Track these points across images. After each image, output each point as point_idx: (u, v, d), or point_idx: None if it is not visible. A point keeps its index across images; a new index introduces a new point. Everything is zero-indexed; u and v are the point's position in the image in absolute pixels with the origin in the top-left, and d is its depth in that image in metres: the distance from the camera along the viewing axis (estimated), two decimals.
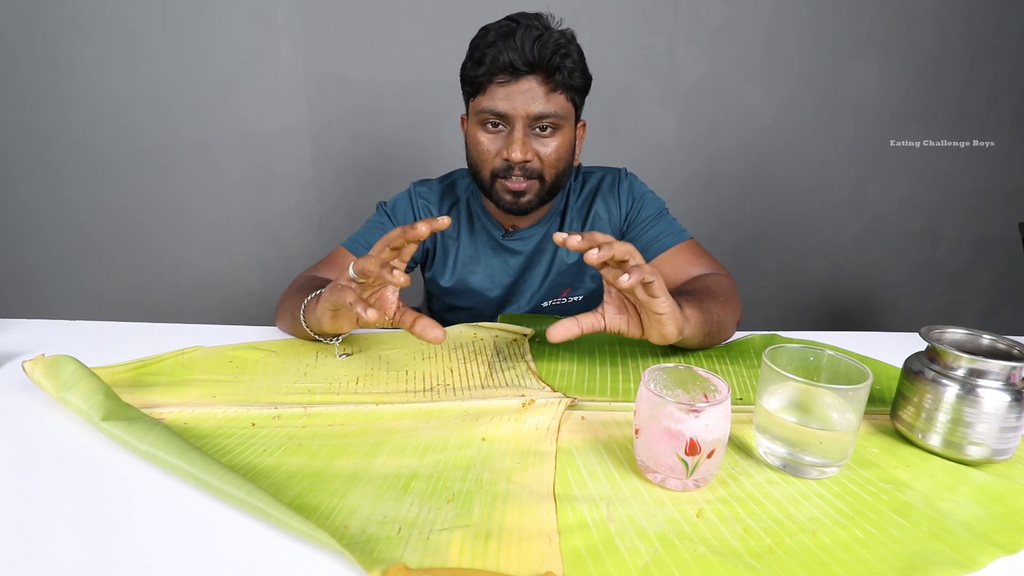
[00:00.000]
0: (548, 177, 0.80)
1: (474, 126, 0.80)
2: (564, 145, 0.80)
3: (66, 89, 1.55)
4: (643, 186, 0.92)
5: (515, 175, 0.78)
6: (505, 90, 0.75)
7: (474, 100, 0.79)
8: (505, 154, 0.77)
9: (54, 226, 1.68)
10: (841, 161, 1.76)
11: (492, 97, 0.76)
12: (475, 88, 0.77)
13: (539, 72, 0.74)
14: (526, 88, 0.75)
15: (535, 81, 0.75)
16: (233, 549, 0.39)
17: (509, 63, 0.73)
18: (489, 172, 0.80)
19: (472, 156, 0.81)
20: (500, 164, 0.79)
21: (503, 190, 0.80)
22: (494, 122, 0.77)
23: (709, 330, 0.68)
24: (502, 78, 0.75)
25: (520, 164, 0.77)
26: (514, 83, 0.75)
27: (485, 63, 0.74)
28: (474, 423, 0.55)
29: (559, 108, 0.76)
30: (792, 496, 0.45)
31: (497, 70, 0.74)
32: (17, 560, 0.38)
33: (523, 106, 0.75)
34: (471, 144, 0.81)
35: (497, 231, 0.90)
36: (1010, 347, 0.51)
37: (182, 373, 0.64)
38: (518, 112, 0.75)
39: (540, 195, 0.81)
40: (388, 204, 0.92)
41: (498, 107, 0.75)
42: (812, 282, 1.90)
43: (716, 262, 0.84)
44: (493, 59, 0.73)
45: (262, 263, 1.75)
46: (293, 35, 1.54)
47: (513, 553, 0.38)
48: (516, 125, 0.76)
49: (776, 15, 1.61)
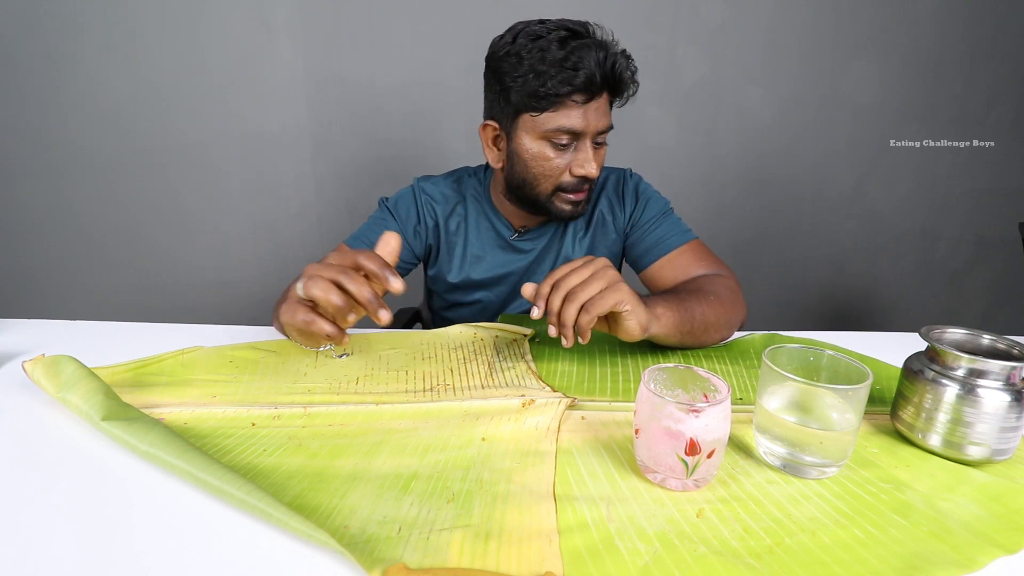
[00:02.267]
0: (596, 183, 0.83)
1: (535, 141, 0.77)
2: (605, 153, 0.82)
3: (66, 89, 1.55)
4: (648, 186, 0.93)
5: (585, 187, 0.80)
6: (580, 108, 0.74)
7: (538, 116, 0.75)
8: (580, 171, 0.77)
9: (54, 226, 1.68)
10: (841, 161, 1.76)
11: (567, 116, 0.74)
12: (543, 103, 0.74)
13: (607, 90, 0.75)
14: (597, 106, 0.75)
15: (604, 99, 0.76)
16: (233, 549, 0.39)
17: (595, 82, 0.72)
18: (553, 187, 0.79)
19: (533, 171, 0.79)
20: (568, 180, 0.78)
21: (563, 202, 0.81)
22: (565, 140, 0.76)
23: (689, 329, 0.68)
24: (579, 98, 0.73)
25: (595, 178, 0.78)
26: (591, 100, 0.74)
27: (563, 79, 0.71)
28: (474, 423, 0.55)
29: (611, 120, 0.78)
30: (792, 496, 0.45)
31: (576, 89, 0.72)
32: (17, 560, 0.38)
33: (595, 123, 0.75)
34: (532, 160, 0.78)
35: (508, 231, 0.90)
36: (1010, 347, 0.51)
37: (182, 373, 0.64)
38: (590, 129, 0.75)
39: (589, 199, 0.83)
40: (390, 200, 0.92)
41: (575, 126, 0.74)
42: (812, 282, 1.89)
43: (721, 262, 0.84)
44: (573, 76, 0.71)
45: (262, 263, 1.75)
46: (293, 35, 1.54)
47: (513, 553, 0.38)
48: (586, 142, 0.76)
49: (776, 15, 1.61)
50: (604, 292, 0.58)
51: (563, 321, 0.58)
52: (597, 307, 0.58)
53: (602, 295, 0.58)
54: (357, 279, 0.54)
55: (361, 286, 0.54)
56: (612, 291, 0.58)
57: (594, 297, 0.58)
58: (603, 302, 0.58)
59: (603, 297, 0.58)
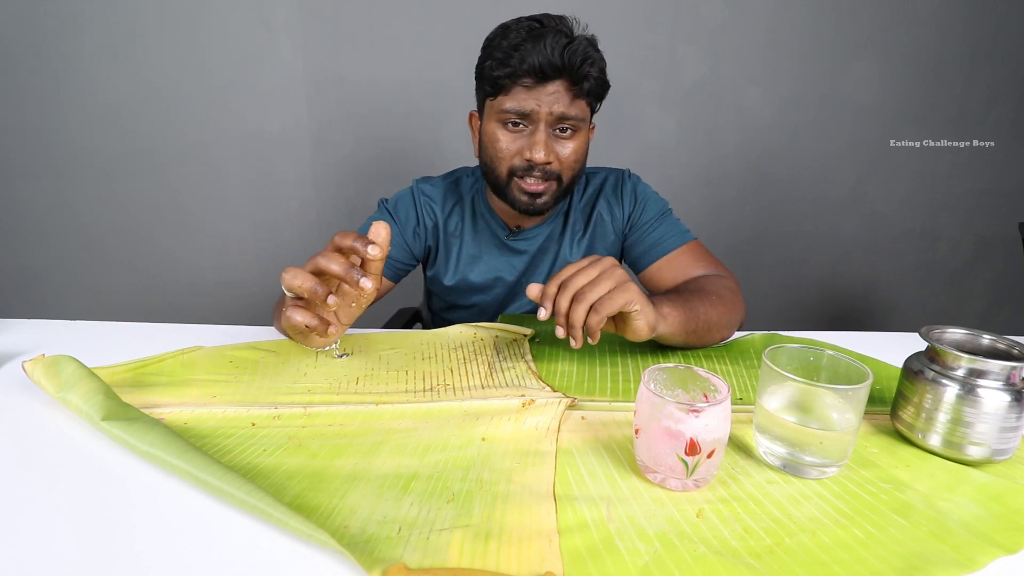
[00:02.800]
0: (565, 179, 0.80)
1: (492, 123, 0.79)
2: (581, 147, 0.80)
3: (66, 89, 1.55)
4: (646, 187, 0.92)
5: (534, 175, 0.78)
6: (530, 91, 0.74)
7: (494, 99, 0.77)
8: (528, 154, 0.77)
9: (54, 226, 1.68)
10: (841, 161, 1.76)
11: (516, 98, 0.75)
12: (497, 88, 0.76)
13: (565, 77, 0.74)
14: (552, 91, 0.74)
15: (561, 85, 0.74)
16: (233, 549, 0.39)
17: (538, 67, 0.72)
18: (507, 170, 0.79)
19: (488, 153, 0.80)
20: (520, 163, 0.78)
21: (519, 191, 0.80)
22: (515, 121, 0.77)
23: (694, 329, 0.68)
24: (528, 81, 0.74)
25: (541, 165, 0.77)
26: (541, 85, 0.74)
27: (511, 64, 0.73)
28: (474, 423, 0.55)
29: (580, 111, 0.77)
30: (792, 496, 0.45)
31: (524, 73, 0.73)
32: (17, 560, 0.38)
33: (548, 106, 0.74)
34: (488, 141, 0.80)
35: (502, 231, 0.90)
36: (1010, 347, 0.51)
37: (182, 373, 0.64)
38: (542, 112, 0.75)
39: (556, 196, 0.81)
40: (390, 201, 0.92)
41: (523, 107, 0.75)
42: (812, 282, 1.89)
43: (719, 263, 0.84)
44: (520, 61, 0.72)
45: (262, 263, 1.75)
46: (293, 35, 1.54)
47: (513, 553, 0.38)
48: (539, 125, 0.76)
49: (776, 15, 1.61)
50: (613, 292, 0.58)
51: (572, 322, 0.58)
52: (606, 307, 0.57)
53: (611, 295, 0.58)
54: (329, 256, 0.55)
55: (331, 260, 0.55)
56: (621, 291, 0.58)
57: (603, 297, 0.57)
58: (612, 302, 0.57)
59: (612, 297, 0.57)
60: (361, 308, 0.64)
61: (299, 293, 0.56)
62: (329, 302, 0.55)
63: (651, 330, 0.62)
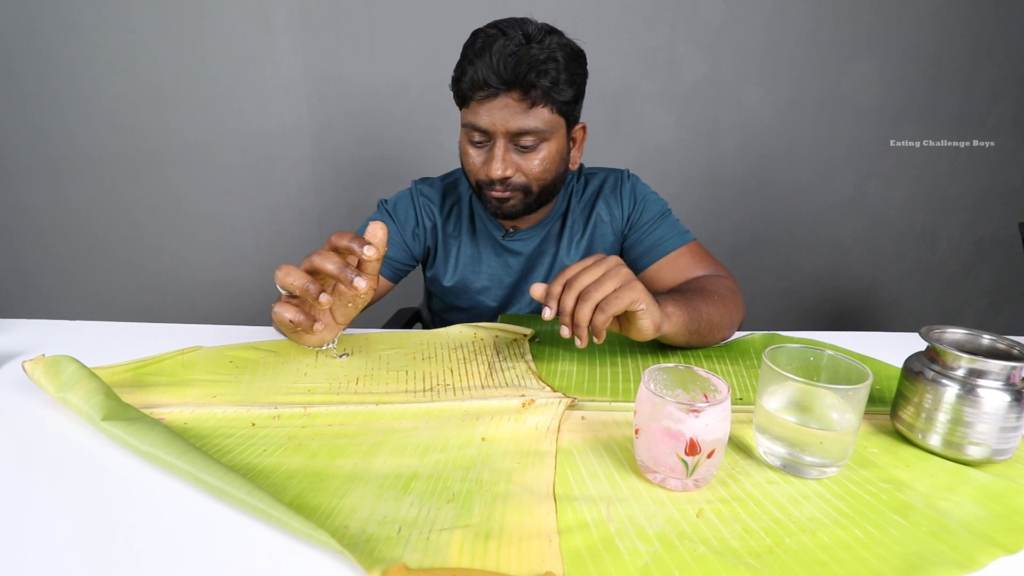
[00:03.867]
0: (535, 188, 0.79)
1: (462, 137, 0.79)
2: (551, 157, 0.77)
3: (66, 89, 1.55)
4: (645, 187, 0.92)
5: (496, 188, 0.78)
6: (485, 106, 0.73)
7: (462, 112, 0.78)
8: (486, 170, 0.76)
9: (54, 226, 1.68)
10: (841, 161, 1.76)
11: (475, 112, 0.74)
12: (461, 101, 0.77)
13: (515, 89, 0.72)
14: (503, 104, 0.73)
15: (511, 98, 0.72)
16: (233, 549, 0.39)
17: (483, 81, 0.71)
18: (475, 183, 0.81)
19: (462, 165, 0.82)
20: (483, 177, 0.78)
21: (489, 198, 0.80)
22: (477, 139, 0.76)
23: (697, 328, 0.68)
24: (480, 94, 0.73)
25: (500, 180, 0.77)
26: (492, 99, 0.73)
27: (464, 79, 0.73)
28: (474, 423, 0.55)
29: (541, 123, 0.74)
30: (792, 496, 0.45)
31: (475, 86, 0.72)
32: (17, 560, 0.38)
33: (502, 122, 0.73)
34: (461, 154, 0.81)
35: (497, 231, 0.90)
36: (1010, 347, 0.51)
37: (182, 373, 0.64)
38: (497, 128, 0.74)
39: (527, 203, 0.81)
40: (389, 202, 0.92)
41: (479, 123, 0.74)
42: (812, 282, 1.89)
43: (719, 264, 0.84)
44: (472, 76, 0.72)
45: (262, 263, 1.75)
46: (293, 35, 1.54)
47: (513, 553, 0.38)
48: (497, 141, 0.75)
49: (776, 15, 1.61)
50: (619, 291, 0.57)
51: (577, 321, 0.57)
52: (612, 306, 0.57)
53: (617, 294, 0.57)
54: (324, 254, 0.55)
55: (326, 259, 0.55)
56: (627, 290, 0.58)
57: (608, 296, 0.57)
58: (618, 301, 0.57)
59: (618, 296, 0.57)
60: (358, 308, 0.64)
61: (291, 291, 0.56)
62: (321, 300, 0.55)
63: (656, 329, 0.61)
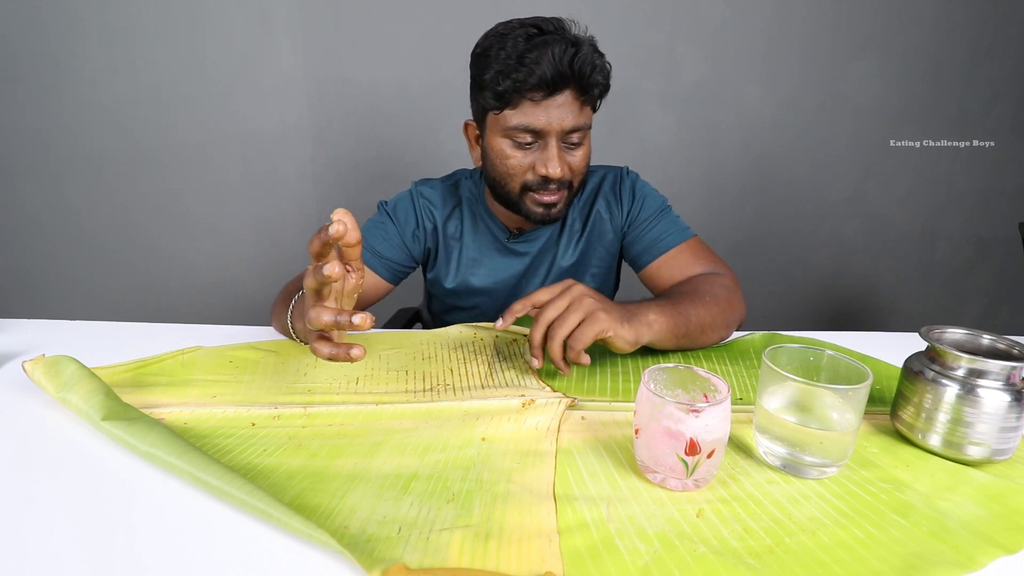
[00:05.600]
0: (576, 184, 0.81)
1: (499, 139, 0.76)
2: (588, 151, 0.80)
3: (66, 89, 1.55)
4: (645, 184, 0.92)
5: (549, 188, 0.78)
6: (539, 107, 0.72)
7: (500, 114, 0.75)
8: (543, 171, 0.75)
9: (54, 226, 1.68)
10: (841, 161, 1.76)
11: (525, 113, 0.72)
12: (503, 102, 0.73)
13: (574, 87, 0.72)
14: (561, 103, 0.72)
15: (570, 96, 0.72)
16: (233, 549, 0.39)
17: (548, 79, 0.70)
18: (519, 186, 0.78)
19: (499, 170, 0.79)
20: (533, 179, 0.77)
21: (533, 203, 0.79)
22: (528, 139, 0.75)
23: (685, 332, 0.68)
24: (537, 94, 0.71)
25: (558, 179, 0.76)
26: (549, 98, 0.72)
27: (518, 77, 0.70)
28: (474, 423, 0.55)
29: (587, 119, 0.76)
30: (792, 496, 0.45)
31: (532, 86, 0.70)
32: (17, 560, 0.38)
33: (558, 121, 0.73)
34: (497, 158, 0.78)
35: (503, 234, 0.90)
36: (1010, 347, 0.51)
37: (182, 373, 0.64)
38: (553, 128, 0.73)
39: (568, 202, 0.82)
40: (389, 204, 0.91)
41: (533, 124, 0.73)
42: (812, 282, 1.89)
43: (719, 260, 0.84)
44: (529, 73, 0.69)
45: (262, 263, 1.75)
46: (293, 35, 1.54)
47: (513, 553, 0.38)
48: (551, 141, 0.74)
49: (776, 15, 1.61)
50: (583, 326, 0.59)
51: (552, 360, 0.60)
52: (579, 342, 0.58)
53: (581, 329, 0.59)
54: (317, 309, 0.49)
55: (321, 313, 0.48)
56: (590, 323, 0.59)
57: (574, 332, 0.59)
58: (583, 336, 0.58)
59: (582, 331, 0.59)
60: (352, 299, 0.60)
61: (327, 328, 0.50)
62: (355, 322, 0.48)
63: (633, 345, 0.62)
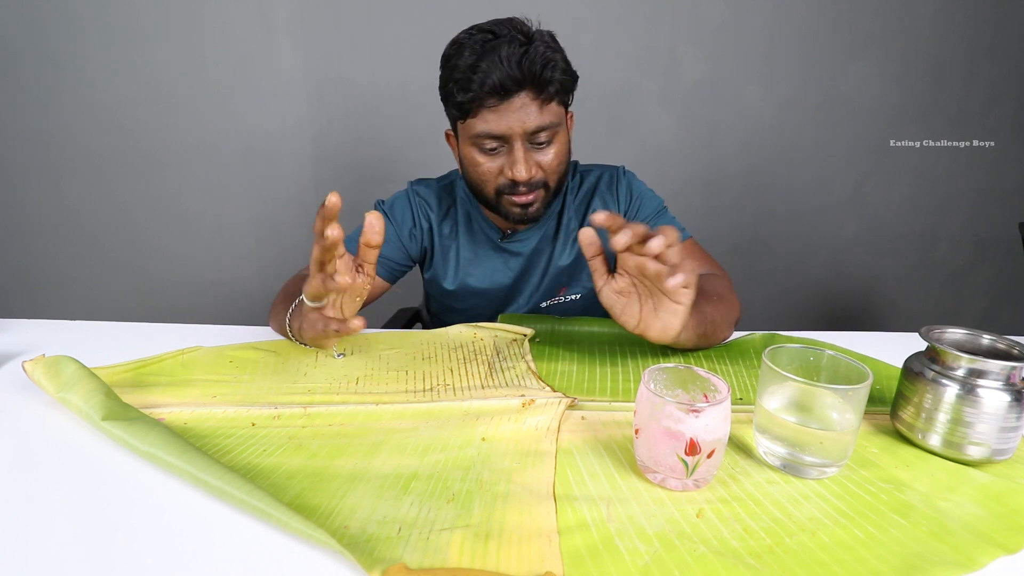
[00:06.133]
0: (552, 183, 0.80)
1: (468, 148, 0.77)
2: (562, 148, 0.79)
3: (66, 89, 1.55)
4: (641, 184, 0.92)
5: (520, 190, 0.77)
6: (497, 113, 0.72)
7: (463, 123, 0.76)
8: (509, 174, 0.75)
9: (54, 226, 1.68)
10: (841, 161, 1.76)
11: (485, 121, 0.73)
12: (463, 112, 0.74)
13: (529, 88, 0.71)
14: (519, 105, 0.72)
15: (527, 96, 0.72)
16: (233, 549, 0.39)
17: (499, 84, 0.70)
18: (493, 190, 0.79)
19: (472, 176, 0.80)
20: (504, 182, 0.77)
21: (510, 205, 0.79)
22: (491, 145, 0.75)
23: (704, 331, 0.68)
24: (492, 101, 0.71)
25: (525, 181, 0.76)
26: (506, 103, 0.71)
27: (473, 88, 0.70)
28: (474, 423, 0.55)
29: (553, 117, 0.74)
30: (792, 496, 0.45)
31: (486, 94, 0.70)
32: (17, 560, 0.38)
33: (519, 124, 0.72)
34: (468, 165, 0.79)
35: (495, 234, 0.90)
36: (1010, 347, 0.51)
37: (182, 373, 0.64)
38: (515, 131, 0.73)
39: (547, 201, 0.81)
40: (386, 203, 0.92)
41: (494, 130, 0.73)
42: (812, 282, 1.89)
43: (715, 262, 0.84)
44: (481, 83, 0.70)
45: (262, 263, 1.75)
46: (293, 35, 1.54)
47: (513, 553, 0.38)
48: (515, 144, 0.74)
49: (776, 15, 1.61)
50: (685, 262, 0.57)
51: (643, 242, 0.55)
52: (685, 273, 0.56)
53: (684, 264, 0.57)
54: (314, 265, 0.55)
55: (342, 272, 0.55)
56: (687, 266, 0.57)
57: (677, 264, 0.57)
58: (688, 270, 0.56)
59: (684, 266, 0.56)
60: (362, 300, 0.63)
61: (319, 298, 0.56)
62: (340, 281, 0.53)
63: (677, 332, 0.61)
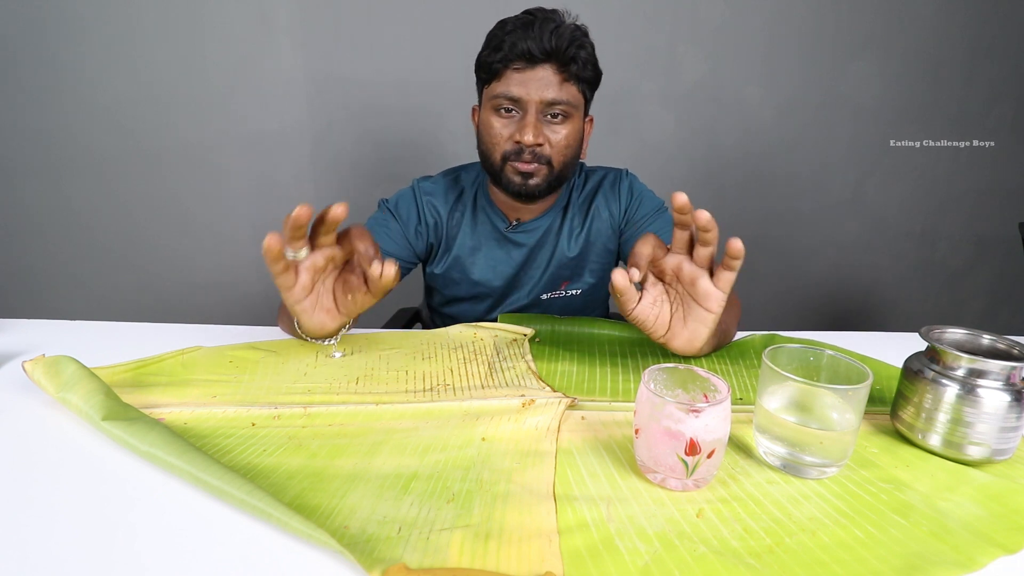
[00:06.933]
0: (556, 164, 0.83)
1: (487, 111, 0.82)
2: (573, 134, 0.83)
3: (66, 89, 1.55)
4: (642, 185, 0.95)
5: (524, 158, 0.81)
6: (520, 76, 0.78)
7: (488, 86, 0.82)
8: (518, 137, 0.80)
9: (54, 226, 1.68)
10: (841, 161, 1.76)
11: (507, 83, 0.79)
12: (490, 74, 0.80)
13: (554, 61, 0.77)
14: (541, 75, 0.78)
15: (550, 69, 0.78)
16: (233, 549, 0.39)
17: (527, 50, 0.76)
18: (500, 155, 0.82)
19: (484, 140, 0.84)
20: (511, 147, 0.81)
21: (513, 172, 0.82)
22: (507, 107, 0.80)
23: (719, 341, 0.70)
24: (518, 65, 0.78)
25: (531, 147, 0.80)
26: (530, 70, 0.78)
27: (503, 50, 0.77)
28: (474, 423, 0.55)
29: (571, 97, 0.80)
30: (792, 496, 0.45)
31: (514, 57, 0.77)
32: (17, 560, 0.38)
33: (537, 92, 0.78)
34: (483, 128, 0.84)
35: (502, 223, 0.91)
36: (1010, 347, 0.51)
37: (182, 373, 0.64)
38: (532, 97, 0.78)
39: (548, 180, 0.83)
40: (391, 201, 0.92)
41: (512, 92, 0.78)
42: (812, 282, 1.89)
43: None
44: (511, 46, 0.77)
45: (262, 263, 1.73)
46: (293, 35, 1.54)
47: (513, 553, 0.38)
48: (529, 110, 0.79)
49: (776, 15, 1.61)
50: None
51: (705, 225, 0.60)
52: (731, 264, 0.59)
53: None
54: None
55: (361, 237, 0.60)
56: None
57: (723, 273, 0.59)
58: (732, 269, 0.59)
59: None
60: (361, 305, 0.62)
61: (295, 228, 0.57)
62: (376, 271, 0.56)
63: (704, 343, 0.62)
